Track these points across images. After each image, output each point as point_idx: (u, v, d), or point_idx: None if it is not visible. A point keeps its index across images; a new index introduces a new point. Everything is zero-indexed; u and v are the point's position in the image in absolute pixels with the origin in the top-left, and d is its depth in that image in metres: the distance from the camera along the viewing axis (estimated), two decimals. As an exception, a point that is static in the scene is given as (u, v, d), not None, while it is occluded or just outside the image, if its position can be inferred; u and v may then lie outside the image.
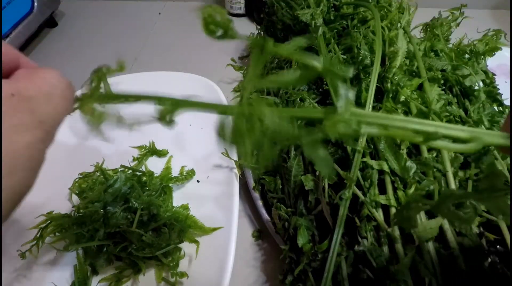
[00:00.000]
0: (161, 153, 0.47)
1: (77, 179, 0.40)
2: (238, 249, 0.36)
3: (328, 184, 0.33)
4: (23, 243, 0.34)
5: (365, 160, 0.32)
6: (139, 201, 0.36)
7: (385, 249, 0.28)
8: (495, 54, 0.44)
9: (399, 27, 0.44)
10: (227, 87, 0.58)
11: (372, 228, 0.29)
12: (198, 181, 0.44)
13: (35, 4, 0.64)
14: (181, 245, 0.37)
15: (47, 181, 0.43)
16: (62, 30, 0.75)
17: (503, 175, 0.16)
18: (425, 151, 0.32)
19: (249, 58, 0.63)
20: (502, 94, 0.40)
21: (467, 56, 0.44)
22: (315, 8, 0.46)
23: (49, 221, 0.35)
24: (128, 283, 0.36)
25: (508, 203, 0.15)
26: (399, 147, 0.33)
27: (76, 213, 0.36)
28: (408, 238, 0.28)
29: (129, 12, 0.79)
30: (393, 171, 0.31)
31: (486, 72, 0.43)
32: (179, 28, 0.73)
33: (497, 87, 0.42)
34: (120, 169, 0.40)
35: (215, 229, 0.38)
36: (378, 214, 0.30)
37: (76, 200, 0.40)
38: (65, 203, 0.41)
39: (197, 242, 0.38)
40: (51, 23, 0.73)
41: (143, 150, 0.47)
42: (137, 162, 0.46)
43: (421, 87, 0.38)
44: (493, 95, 0.40)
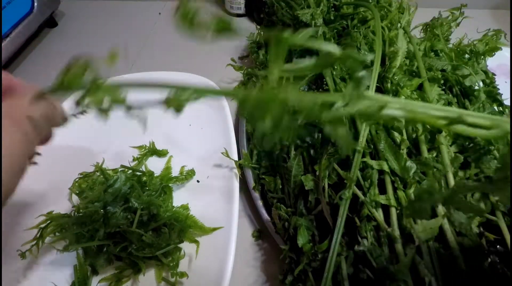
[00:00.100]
0: (161, 153, 0.47)
1: (77, 179, 0.40)
2: (238, 249, 0.36)
3: (328, 184, 0.33)
4: (23, 243, 0.34)
5: (365, 160, 0.32)
6: (139, 201, 0.36)
7: (385, 249, 0.28)
8: (495, 54, 0.44)
9: (399, 27, 0.44)
10: (227, 87, 0.58)
11: (372, 228, 0.29)
12: (198, 181, 0.44)
13: (35, 4, 0.63)
14: (181, 245, 0.37)
15: (47, 181, 0.44)
16: (62, 30, 0.75)
17: None
18: (425, 151, 0.32)
19: (249, 58, 0.63)
20: (502, 94, 0.41)
21: (467, 56, 0.44)
22: (315, 8, 0.46)
23: (49, 221, 0.35)
24: (128, 283, 0.36)
25: None
26: (399, 147, 0.33)
27: (76, 213, 0.36)
28: (408, 238, 0.28)
29: (129, 12, 0.79)
30: (393, 171, 0.31)
31: (486, 72, 0.43)
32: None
33: (497, 87, 0.42)
34: (120, 169, 0.40)
35: (215, 229, 0.38)
36: (378, 214, 0.30)
37: (76, 200, 0.40)
38: (65, 203, 0.41)
39: (197, 242, 0.38)
40: (51, 23, 0.73)
41: (143, 150, 0.47)
42: (137, 162, 0.46)
43: (421, 87, 0.38)
44: (493, 95, 0.40)
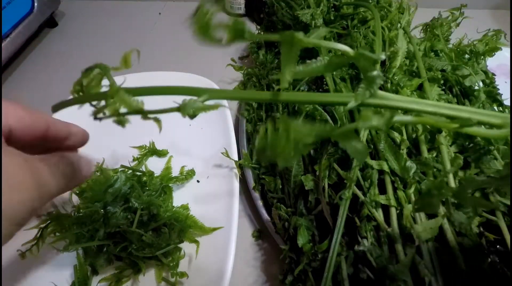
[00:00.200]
0: (161, 153, 0.47)
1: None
2: (238, 249, 0.36)
3: (328, 184, 0.33)
4: (23, 243, 0.34)
5: (365, 160, 0.32)
6: (139, 201, 0.36)
7: (385, 249, 0.28)
8: (495, 54, 0.44)
9: (399, 27, 0.44)
10: (227, 87, 0.58)
11: (372, 228, 0.29)
12: (198, 181, 0.44)
13: (35, 4, 0.64)
14: (181, 245, 0.37)
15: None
16: (62, 30, 0.75)
17: None
18: (425, 151, 0.32)
19: (249, 58, 0.63)
20: (502, 94, 0.41)
21: (467, 56, 0.44)
22: (315, 8, 0.46)
23: (49, 221, 0.35)
24: (128, 283, 0.36)
25: None
26: (399, 147, 0.33)
27: (76, 213, 0.36)
28: (408, 238, 0.28)
29: (129, 12, 0.79)
30: (393, 171, 0.31)
31: (486, 72, 0.43)
32: (179, 28, 0.73)
33: (497, 87, 0.42)
34: (120, 169, 0.40)
35: (215, 229, 0.38)
36: (378, 214, 0.30)
37: (76, 200, 0.40)
38: (65, 203, 0.41)
39: (197, 242, 0.38)
40: (51, 23, 0.73)
41: (143, 150, 0.47)
42: (137, 162, 0.46)
43: (421, 87, 0.38)
44: (493, 95, 0.40)
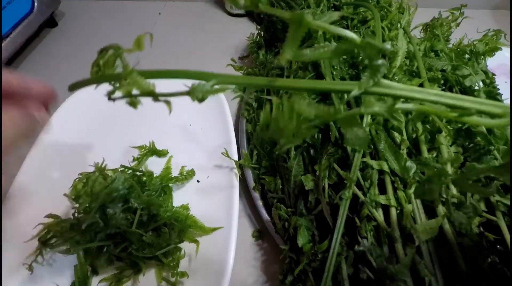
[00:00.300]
0: (161, 153, 0.47)
1: (77, 179, 0.40)
2: (238, 249, 0.36)
3: (328, 184, 0.33)
4: (27, 255, 0.35)
5: (365, 160, 0.32)
6: (139, 201, 0.36)
7: (385, 249, 0.28)
8: (495, 54, 0.44)
9: (399, 27, 0.44)
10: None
11: (372, 228, 0.29)
12: (198, 181, 0.44)
13: (35, 4, 0.64)
14: (181, 245, 0.37)
15: (47, 181, 0.44)
16: (62, 30, 0.75)
17: None
18: (425, 151, 0.32)
19: (249, 58, 0.63)
20: (502, 94, 0.40)
21: (467, 56, 0.44)
22: (315, 8, 0.46)
23: (50, 232, 0.35)
24: (128, 283, 0.36)
25: None
26: (399, 147, 0.33)
27: (76, 215, 0.36)
28: (408, 238, 0.28)
29: (129, 12, 0.79)
30: (393, 171, 0.31)
31: (486, 72, 0.43)
32: (179, 28, 0.73)
33: (497, 87, 0.42)
34: (120, 169, 0.40)
35: (215, 229, 0.38)
36: (378, 214, 0.30)
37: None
38: (65, 203, 0.41)
39: (197, 242, 0.38)
40: (51, 23, 0.73)
41: (143, 150, 0.47)
42: (137, 162, 0.46)
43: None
44: (493, 95, 0.40)
